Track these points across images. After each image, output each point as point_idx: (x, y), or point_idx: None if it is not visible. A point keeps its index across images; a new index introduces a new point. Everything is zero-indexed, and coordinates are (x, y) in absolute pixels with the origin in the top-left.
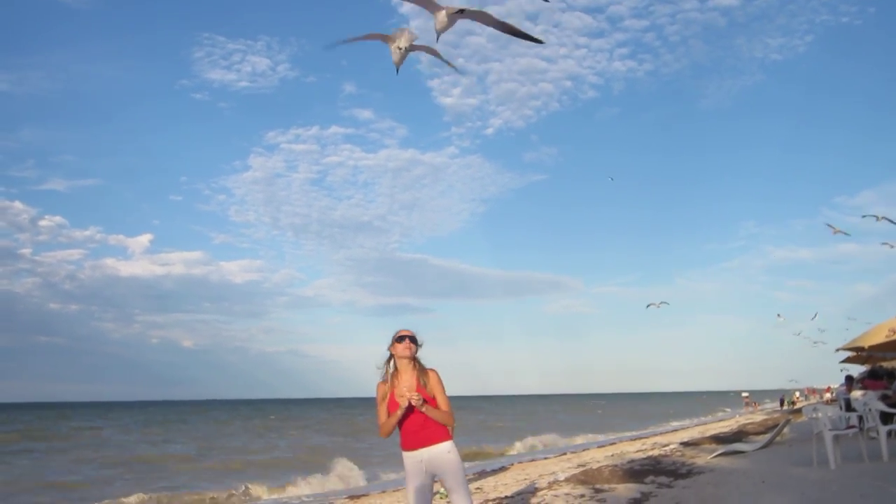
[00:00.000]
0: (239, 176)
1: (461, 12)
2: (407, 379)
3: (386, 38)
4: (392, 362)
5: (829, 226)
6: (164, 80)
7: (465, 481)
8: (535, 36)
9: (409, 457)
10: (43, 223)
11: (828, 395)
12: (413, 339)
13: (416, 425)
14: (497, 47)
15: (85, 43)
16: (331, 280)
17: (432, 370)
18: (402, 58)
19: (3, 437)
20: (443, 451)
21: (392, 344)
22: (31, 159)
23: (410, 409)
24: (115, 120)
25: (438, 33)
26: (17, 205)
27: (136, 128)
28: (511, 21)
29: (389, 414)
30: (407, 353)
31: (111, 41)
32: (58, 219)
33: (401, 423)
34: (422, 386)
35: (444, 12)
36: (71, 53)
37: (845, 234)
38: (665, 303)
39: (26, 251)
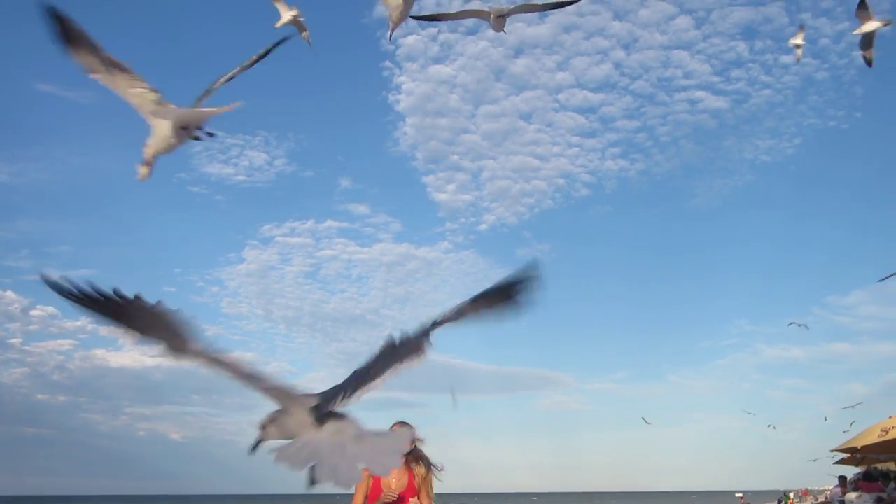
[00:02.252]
0: (233, 268)
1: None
2: (397, 471)
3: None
4: None
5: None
6: (162, 172)
7: None
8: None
9: None
10: (34, 313)
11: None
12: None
13: None
14: (491, 145)
15: (85, 136)
16: (323, 373)
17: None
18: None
19: None
20: None
21: None
22: (26, 249)
23: (392, 502)
24: (111, 211)
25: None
26: (10, 294)
27: (133, 219)
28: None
29: (367, 500)
30: None
31: (111, 135)
32: (50, 309)
33: None
34: (416, 480)
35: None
36: (71, 146)
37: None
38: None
39: (16, 341)
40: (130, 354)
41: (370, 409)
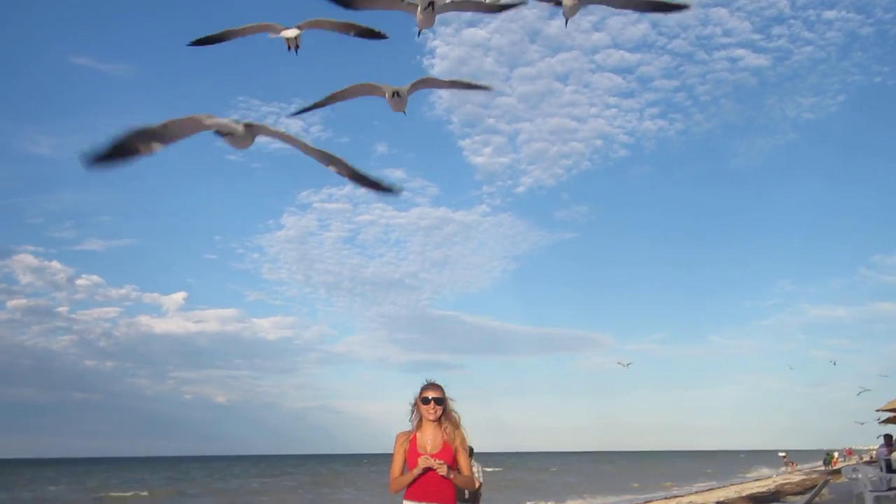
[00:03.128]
0: (272, 234)
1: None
2: (431, 433)
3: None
4: (417, 413)
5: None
6: (200, 141)
7: None
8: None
9: None
10: (80, 282)
11: None
12: (439, 401)
13: (434, 480)
14: (527, 107)
15: (124, 108)
16: (363, 337)
17: (460, 430)
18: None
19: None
20: None
21: (417, 401)
22: (70, 220)
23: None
24: (151, 181)
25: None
26: (55, 264)
27: (172, 189)
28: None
29: (406, 469)
30: (431, 416)
31: (149, 105)
32: (94, 278)
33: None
34: (448, 442)
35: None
36: (109, 119)
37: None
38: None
39: (63, 309)
40: (175, 321)
41: (411, 371)
